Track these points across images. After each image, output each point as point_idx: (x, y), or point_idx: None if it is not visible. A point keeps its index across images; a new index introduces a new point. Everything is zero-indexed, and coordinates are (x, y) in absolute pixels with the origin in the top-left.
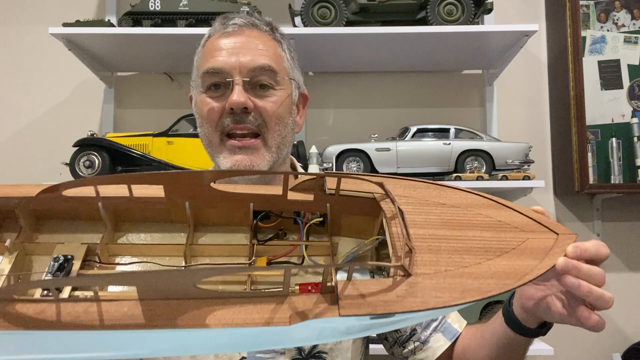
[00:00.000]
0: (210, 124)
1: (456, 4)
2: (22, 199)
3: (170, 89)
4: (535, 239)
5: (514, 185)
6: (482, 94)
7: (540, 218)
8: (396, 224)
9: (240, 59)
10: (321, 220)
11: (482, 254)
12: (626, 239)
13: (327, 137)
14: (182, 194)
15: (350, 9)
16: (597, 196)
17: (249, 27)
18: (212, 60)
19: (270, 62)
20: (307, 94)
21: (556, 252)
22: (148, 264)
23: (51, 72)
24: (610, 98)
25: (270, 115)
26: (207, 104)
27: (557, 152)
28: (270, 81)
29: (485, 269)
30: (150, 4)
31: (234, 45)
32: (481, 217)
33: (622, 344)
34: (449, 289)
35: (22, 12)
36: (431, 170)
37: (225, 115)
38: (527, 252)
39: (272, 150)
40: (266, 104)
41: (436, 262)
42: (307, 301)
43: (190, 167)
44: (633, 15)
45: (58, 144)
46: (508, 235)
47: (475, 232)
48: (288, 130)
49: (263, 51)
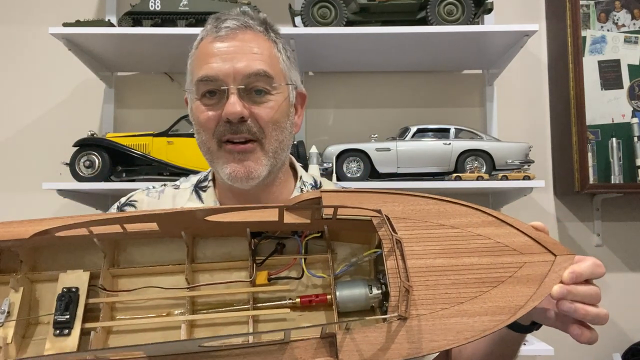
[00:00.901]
0: (207, 132)
1: (456, 4)
2: (15, 241)
3: (170, 89)
4: (533, 263)
5: (514, 185)
6: (482, 94)
7: (539, 237)
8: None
9: (234, 65)
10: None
11: (478, 285)
12: (626, 239)
13: (327, 137)
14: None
15: (350, 9)
16: (597, 196)
17: (242, 29)
18: (206, 68)
19: (266, 67)
20: (305, 93)
21: (552, 278)
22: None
23: (51, 72)
24: (610, 98)
25: (267, 122)
26: (203, 111)
27: (557, 152)
28: (266, 87)
29: (480, 304)
30: (150, 4)
31: (227, 50)
32: (480, 239)
33: (622, 344)
34: (444, 330)
35: (22, 12)
36: (431, 170)
37: (221, 124)
38: (524, 280)
39: (269, 155)
40: (262, 110)
41: (433, 301)
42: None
43: (190, 167)
44: (633, 15)
45: (58, 144)
46: (506, 260)
47: (472, 259)
48: (286, 134)
49: (258, 55)
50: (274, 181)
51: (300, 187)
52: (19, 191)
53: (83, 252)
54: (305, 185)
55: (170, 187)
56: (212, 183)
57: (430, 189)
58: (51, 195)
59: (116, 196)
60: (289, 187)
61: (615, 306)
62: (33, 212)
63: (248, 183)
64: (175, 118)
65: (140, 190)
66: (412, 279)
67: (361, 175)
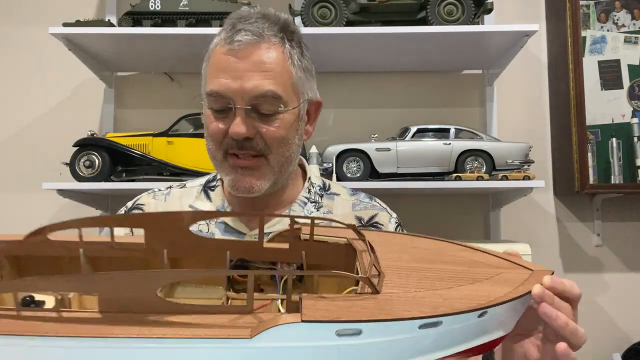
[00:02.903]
0: (215, 142)
1: (456, 4)
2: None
3: (170, 89)
4: (510, 273)
5: (514, 185)
6: (482, 94)
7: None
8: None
9: (243, 85)
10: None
11: (454, 281)
12: (626, 239)
13: (327, 137)
14: (162, 238)
15: (350, 9)
16: (597, 196)
17: (255, 44)
18: (216, 82)
19: (275, 87)
20: (321, 100)
21: (531, 282)
22: None
23: (51, 72)
24: (610, 98)
25: (273, 140)
26: (212, 122)
27: (557, 152)
28: (273, 108)
29: (457, 292)
30: (150, 4)
31: (236, 67)
32: (454, 257)
33: (622, 344)
34: (418, 304)
35: (22, 12)
36: (431, 170)
37: (228, 137)
38: (502, 282)
39: (274, 170)
40: (269, 129)
41: (405, 285)
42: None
43: (190, 167)
44: (633, 15)
45: (58, 144)
46: (482, 270)
47: (447, 266)
48: (293, 149)
49: (269, 73)
50: (282, 188)
51: (308, 188)
52: (19, 191)
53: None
54: (314, 186)
55: (176, 187)
56: (220, 182)
57: (430, 189)
58: (51, 195)
59: (116, 196)
60: (297, 188)
61: (615, 306)
62: (33, 212)
63: (250, 195)
64: (175, 118)
65: (146, 193)
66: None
67: (361, 175)
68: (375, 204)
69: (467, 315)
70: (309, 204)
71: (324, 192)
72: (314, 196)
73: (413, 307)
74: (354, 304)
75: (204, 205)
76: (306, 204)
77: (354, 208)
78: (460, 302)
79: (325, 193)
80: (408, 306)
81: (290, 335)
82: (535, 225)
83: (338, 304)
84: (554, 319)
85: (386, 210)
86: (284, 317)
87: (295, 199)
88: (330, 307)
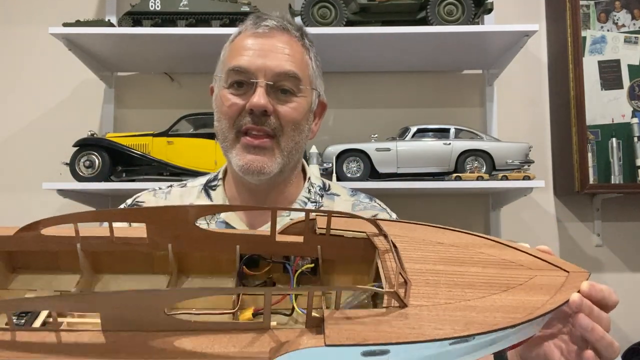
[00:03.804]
0: (228, 120)
1: (456, 4)
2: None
3: (170, 89)
4: (544, 276)
5: (514, 185)
6: (482, 94)
7: (546, 257)
8: (390, 258)
9: (266, 62)
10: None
11: (485, 288)
12: (626, 239)
13: (327, 137)
14: (165, 233)
15: (350, 9)
16: (597, 196)
17: (279, 30)
18: (239, 59)
19: (296, 69)
20: (326, 103)
21: (568, 288)
22: None
23: (51, 72)
24: (610, 98)
25: (288, 121)
26: (228, 100)
27: (557, 152)
28: (292, 87)
29: (490, 302)
30: (150, 4)
31: (262, 47)
32: (483, 255)
33: (622, 344)
34: (450, 321)
35: (22, 12)
36: (431, 170)
37: (244, 114)
38: (537, 288)
39: (284, 154)
40: (286, 109)
41: (435, 295)
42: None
43: (190, 167)
44: (633, 15)
45: (58, 144)
46: (514, 272)
47: (477, 269)
48: (302, 137)
49: (290, 57)
50: (285, 181)
51: (308, 188)
52: (19, 191)
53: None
54: (314, 186)
55: (177, 187)
56: (221, 182)
57: (430, 189)
58: (51, 195)
59: (116, 196)
60: (297, 188)
61: None
62: (33, 212)
63: (259, 177)
64: (175, 118)
65: (147, 191)
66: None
67: (361, 175)
68: (375, 204)
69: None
70: (310, 204)
71: (324, 192)
72: (314, 196)
73: (445, 324)
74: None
75: None
76: (306, 204)
77: (354, 208)
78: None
79: (326, 193)
80: (439, 323)
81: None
82: (535, 225)
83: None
84: (590, 330)
85: (386, 210)
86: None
87: (296, 199)
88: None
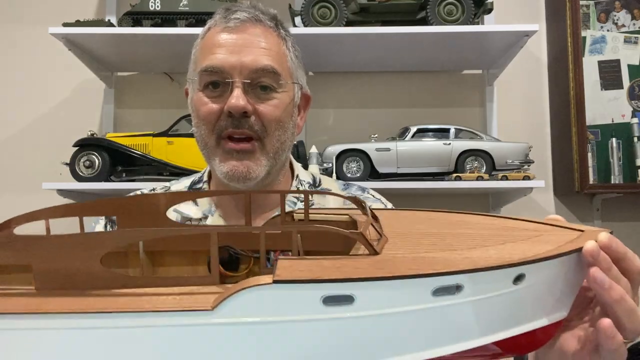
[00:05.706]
0: (207, 126)
1: (456, 4)
2: None
3: (170, 89)
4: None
5: (514, 185)
6: (482, 94)
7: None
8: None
9: (241, 59)
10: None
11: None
12: (626, 239)
13: (327, 137)
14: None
15: (350, 9)
16: (597, 196)
17: (252, 22)
18: (212, 58)
19: (273, 64)
20: (310, 95)
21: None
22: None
23: (51, 72)
24: (610, 98)
25: (271, 120)
26: (204, 103)
27: (557, 152)
28: (272, 83)
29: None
30: (150, 4)
31: (235, 42)
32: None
33: None
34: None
35: (22, 12)
36: (431, 170)
37: (223, 118)
38: (542, 242)
39: (269, 156)
40: (267, 107)
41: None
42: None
43: (190, 167)
44: (633, 15)
45: (58, 144)
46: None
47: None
48: (288, 134)
49: (266, 50)
50: (273, 182)
51: (296, 187)
52: (19, 191)
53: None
54: (302, 184)
55: (160, 190)
56: (207, 185)
57: (430, 189)
58: (51, 195)
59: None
60: (286, 187)
61: None
62: None
63: (245, 183)
64: (175, 118)
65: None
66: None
67: (361, 175)
68: (368, 195)
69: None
70: (299, 203)
71: (315, 188)
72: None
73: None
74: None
75: (189, 210)
76: (296, 203)
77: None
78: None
79: (316, 189)
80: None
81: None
82: None
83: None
84: (607, 289)
85: (380, 201)
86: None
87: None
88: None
